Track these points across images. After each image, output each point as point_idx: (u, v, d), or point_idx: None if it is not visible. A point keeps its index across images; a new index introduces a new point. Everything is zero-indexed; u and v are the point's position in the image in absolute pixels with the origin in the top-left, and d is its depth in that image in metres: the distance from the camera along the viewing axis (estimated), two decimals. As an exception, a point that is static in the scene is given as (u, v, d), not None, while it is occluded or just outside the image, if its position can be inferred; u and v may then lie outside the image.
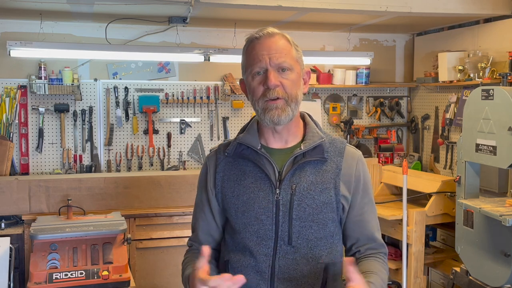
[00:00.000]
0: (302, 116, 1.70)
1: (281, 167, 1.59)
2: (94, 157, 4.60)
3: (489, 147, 3.24)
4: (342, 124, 5.13)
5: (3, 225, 3.59)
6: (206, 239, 1.71)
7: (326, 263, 1.59)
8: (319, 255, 1.59)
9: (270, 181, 1.58)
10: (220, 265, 1.69)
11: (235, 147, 1.65)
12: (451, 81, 4.54)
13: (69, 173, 4.37)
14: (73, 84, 4.42)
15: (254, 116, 1.70)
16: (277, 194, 1.57)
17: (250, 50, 1.59)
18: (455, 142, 4.53)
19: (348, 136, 5.03)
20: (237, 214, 1.61)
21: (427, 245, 3.92)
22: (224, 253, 1.68)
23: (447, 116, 4.74)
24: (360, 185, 1.63)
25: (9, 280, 3.15)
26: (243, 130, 1.69)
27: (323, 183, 1.58)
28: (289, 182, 1.57)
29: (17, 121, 4.36)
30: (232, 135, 4.90)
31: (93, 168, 4.52)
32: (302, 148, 1.60)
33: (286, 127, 1.61)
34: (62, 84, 4.39)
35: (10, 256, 3.22)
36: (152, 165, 4.75)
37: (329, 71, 5.13)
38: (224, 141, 1.78)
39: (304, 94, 1.63)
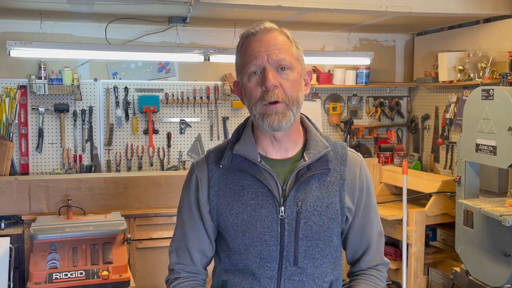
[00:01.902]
0: (301, 120, 1.56)
1: (284, 181, 1.46)
2: (94, 157, 4.60)
3: (489, 147, 3.24)
4: (342, 124, 5.13)
5: (3, 225, 3.59)
6: (201, 260, 1.57)
7: (331, 280, 1.52)
8: (324, 273, 1.49)
9: (274, 198, 1.44)
10: (214, 283, 1.56)
11: (231, 158, 1.48)
12: (451, 81, 4.53)
13: (69, 173, 4.37)
14: (73, 84, 4.41)
15: (249, 117, 1.56)
16: (281, 212, 1.44)
17: (246, 47, 1.43)
18: (455, 142, 4.53)
19: (348, 136, 5.03)
20: (236, 234, 1.47)
21: (427, 245, 3.92)
22: (220, 273, 1.54)
23: (447, 116, 4.74)
24: (363, 193, 1.55)
25: (9, 280, 3.15)
26: (237, 135, 1.54)
27: (328, 196, 1.47)
28: (294, 199, 1.44)
29: (17, 121, 4.35)
30: (232, 135, 4.89)
31: (93, 168, 4.52)
32: (307, 159, 1.46)
33: (286, 134, 1.47)
34: (62, 84, 4.39)
35: (10, 256, 3.22)
36: (152, 165, 4.74)
37: (329, 71, 5.13)
38: (220, 144, 1.63)
39: (306, 95, 1.51)
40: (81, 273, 2.92)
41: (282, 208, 1.44)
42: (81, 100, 4.53)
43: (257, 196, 1.45)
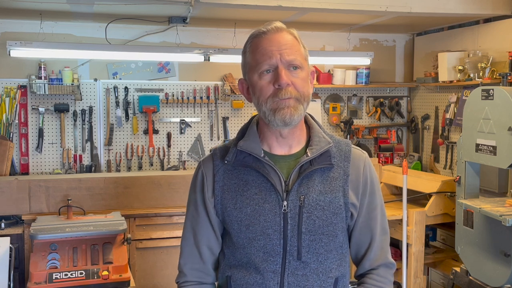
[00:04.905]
0: (304, 118, 1.57)
1: (287, 176, 1.48)
2: (94, 157, 4.60)
3: (489, 147, 3.24)
4: (342, 124, 5.13)
5: (3, 225, 3.59)
6: (209, 256, 1.57)
7: (336, 276, 1.51)
8: (329, 268, 1.49)
9: (277, 192, 1.46)
10: (219, 280, 1.57)
11: (235, 154, 1.51)
12: (451, 81, 4.54)
13: (69, 173, 4.37)
14: (73, 84, 4.42)
15: (253, 117, 1.58)
16: (284, 206, 1.45)
17: (256, 46, 1.46)
18: (455, 142, 4.53)
19: (348, 136, 5.04)
20: (240, 228, 1.48)
21: (427, 245, 3.92)
22: (224, 268, 1.55)
23: (447, 116, 4.74)
24: (368, 189, 1.54)
25: (9, 280, 3.15)
26: (242, 134, 1.56)
27: (332, 192, 1.48)
28: (297, 193, 1.46)
29: (17, 121, 4.36)
30: (232, 135, 4.89)
31: (93, 168, 4.53)
32: (309, 154, 1.48)
33: (292, 131, 1.49)
34: (62, 84, 4.39)
35: (10, 256, 3.21)
36: (152, 165, 4.74)
37: (329, 71, 5.13)
38: (224, 141, 1.66)
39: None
40: (81, 273, 2.92)
41: (285, 203, 1.46)
42: (81, 100, 4.53)
43: (260, 190, 1.47)
